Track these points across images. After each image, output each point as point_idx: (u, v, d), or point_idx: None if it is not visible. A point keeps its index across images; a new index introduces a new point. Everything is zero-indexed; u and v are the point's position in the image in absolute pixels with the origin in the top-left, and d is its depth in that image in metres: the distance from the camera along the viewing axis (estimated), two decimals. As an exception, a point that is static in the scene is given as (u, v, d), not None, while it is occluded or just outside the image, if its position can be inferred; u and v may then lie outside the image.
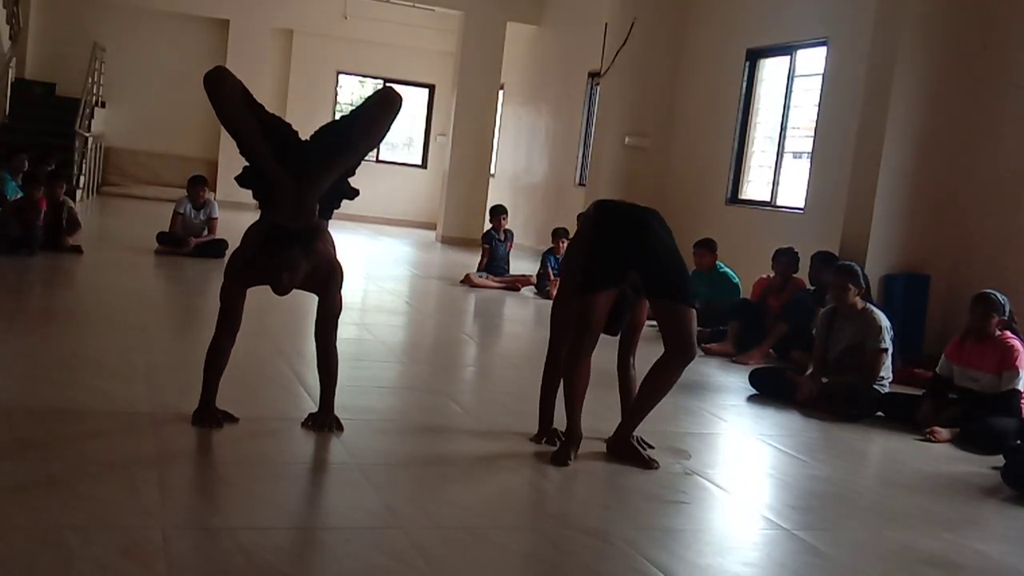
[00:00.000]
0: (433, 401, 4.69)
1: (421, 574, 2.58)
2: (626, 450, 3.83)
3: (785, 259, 7.31)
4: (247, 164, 3.59)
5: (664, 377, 3.79)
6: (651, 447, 3.97)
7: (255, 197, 3.64)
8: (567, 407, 3.77)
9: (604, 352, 5.24)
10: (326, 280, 3.68)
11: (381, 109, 3.54)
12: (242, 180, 3.63)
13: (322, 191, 3.52)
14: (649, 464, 3.76)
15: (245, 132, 3.46)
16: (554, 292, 9.02)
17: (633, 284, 3.81)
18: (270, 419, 3.93)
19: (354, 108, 3.66)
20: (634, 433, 3.93)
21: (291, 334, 5.98)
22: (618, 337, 4.04)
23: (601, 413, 4.25)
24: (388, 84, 3.85)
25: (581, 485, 3.57)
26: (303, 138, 3.64)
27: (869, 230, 7.11)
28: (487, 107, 14.64)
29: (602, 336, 3.84)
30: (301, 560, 2.62)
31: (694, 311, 3.77)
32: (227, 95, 3.41)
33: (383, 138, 3.65)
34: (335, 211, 3.77)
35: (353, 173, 3.69)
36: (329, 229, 3.82)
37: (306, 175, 3.49)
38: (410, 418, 4.33)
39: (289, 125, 3.65)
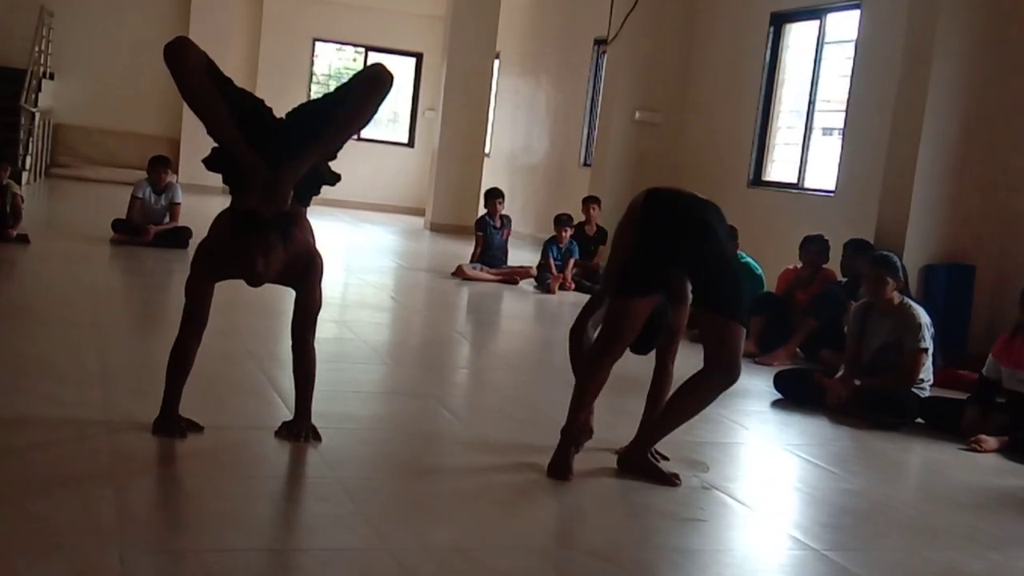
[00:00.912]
0: (421, 407, 4.68)
1: (409, 601, 2.58)
2: (643, 464, 3.82)
3: (814, 248, 7.31)
4: (216, 145, 3.58)
5: (699, 395, 3.75)
6: (665, 459, 3.98)
7: (225, 182, 3.63)
8: (573, 402, 3.73)
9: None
10: (304, 272, 3.68)
11: (370, 90, 3.52)
12: (210, 163, 3.62)
13: (299, 177, 3.51)
14: (670, 480, 3.76)
15: (211, 111, 3.44)
16: (555, 286, 9.09)
17: (674, 288, 3.77)
18: (240, 428, 3.93)
19: (339, 86, 3.65)
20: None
21: (263, 333, 5.97)
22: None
23: (611, 421, 4.25)
24: (378, 62, 3.81)
25: (586, 501, 3.57)
26: (278, 116, 3.63)
27: (907, 215, 7.12)
28: (481, 78, 14.62)
29: None
30: (275, 585, 2.62)
31: (745, 330, 3.71)
32: (190, 69, 3.39)
33: (369, 121, 3.63)
34: (316, 198, 3.76)
35: (334, 156, 3.68)
36: (308, 216, 3.81)
37: (282, 160, 3.47)
38: (396, 426, 4.33)
39: (262, 102, 3.64)
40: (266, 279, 3.56)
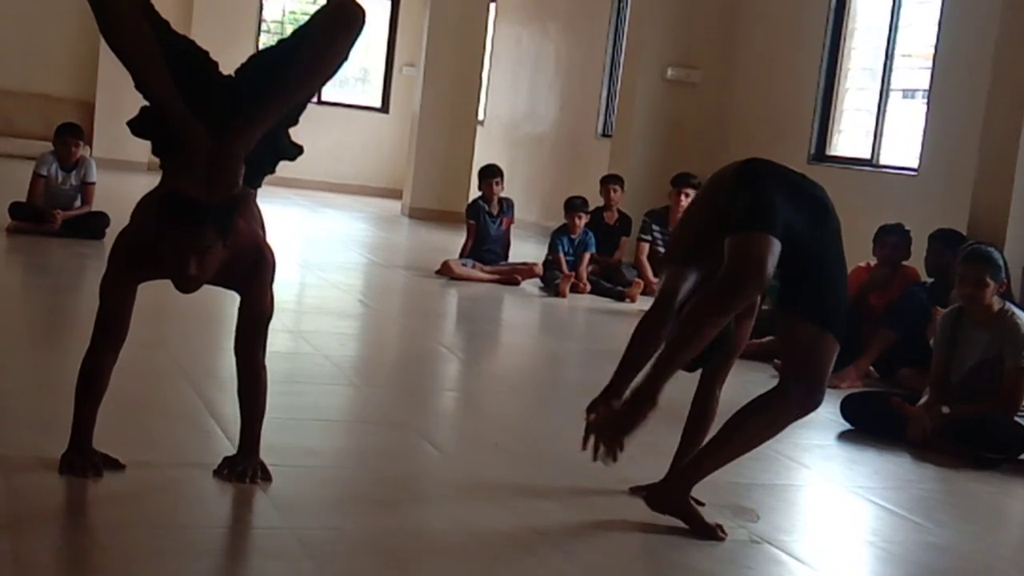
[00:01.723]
0: (397, 440, 4.68)
1: None
2: (681, 507, 3.80)
3: (892, 240, 7.31)
4: (146, 105, 3.56)
5: (769, 418, 3.70)
6: (701, 504, 3.97)
7: (155, 152, 3.62)
8: (669, 352, 3.51)
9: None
10: (251, 272, 3.68)
11: (336, 28, 3.50)
12: (138, 126, 3.60)
13: (250, 149, 3.50)
14: (713, 532, 3.74)
15: (144, 58, 3.42)
16: (566, 287, 9.08)
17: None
18: (169, 465, 3.92)
19: (296, 28, 3.64)
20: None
21: (199, 346, 5.97)
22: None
23: (633, 455, 4.24)
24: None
25: (603, 557, 3.57)
26: (226, 74, 3.62)
27: (1009, 199, 7.11)
28: (473, 27, 14.63)
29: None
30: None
31: (838, 346, 3.67)
32: (120, 4, 3.39)
33: (338, 70, 3.62)
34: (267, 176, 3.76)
35: (296, 121, 3.68)
36: (257, 200, 3.82)
37: (229, 127, 3.45)
38: (365, 463, 4.32)
39: (206, 53, 3.63)
40: (201, 282, 3.55)
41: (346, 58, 3.55)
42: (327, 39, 3.50)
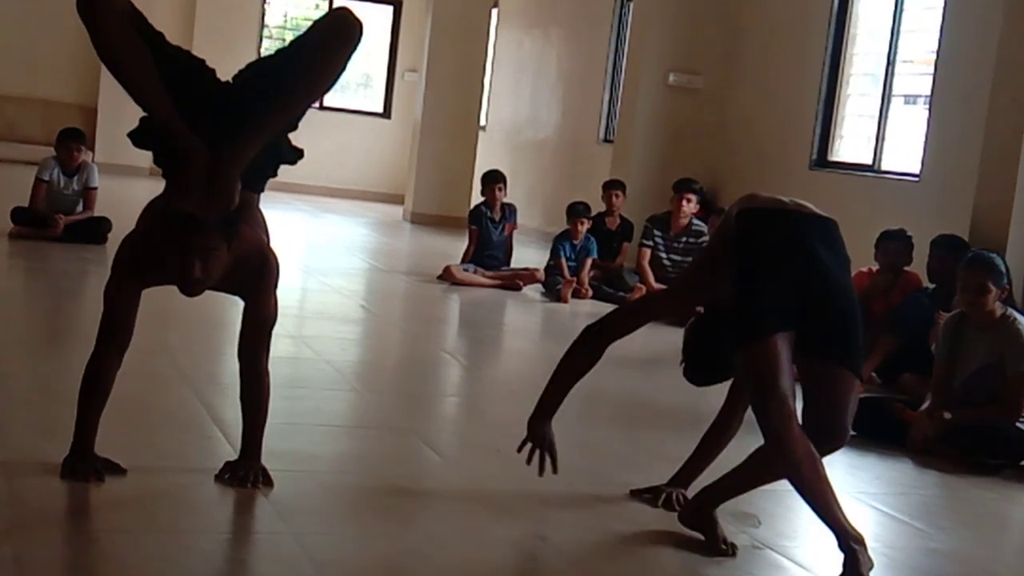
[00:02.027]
0: (399, 445, 4.68)
1: None
2: (703, 521, 3.75)
3: (894, 246, 7.31)
4: (145, 115, 3.57)
5: (789, 464, 3.59)
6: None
7: (157, 163, 3.63)
8: (828, 512, 3.57)
9: (639, 382, 5.24)
10: (255, 278, 3.68)
11: (334, 41, 3.50)
12: (138, 138, 3.61)
13: (246, 165, 3.50)
14: (721, 548, 3.68)
15: (136, 74, 3.43)
16: (568, 293, 9.08)
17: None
18: (171, 470, 3.93)
19: (295, 38, 3.65)
20: (684, 491, 3.93)
21: (201, 351, 5.97)
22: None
23: (638, 460, 4.24)
24: (343, 6, 3.83)
25: (609, 562, 3.57)
26: (223, 80, 3.62)
27: (1011, 205, 7.11)
28: (475, 33, 14.63)
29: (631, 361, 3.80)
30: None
31: (858, 382, 3.65)
32: (110, 20, 3.39)
33: (335, 83, 3.62)
34: (269, 181, 3.77)
35: (295, 127, 3.68)
36: (260, 206, 3.82)
37: (225, 139, 3.45)
38: (366, 469, 4.32)
39: (203, 63, 3.64)
40: (206, 286, 3.55)
41: (343, 70, 3.56)
42: (324, 53, 3.50)
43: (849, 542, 3.50)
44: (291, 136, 3.75)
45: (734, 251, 3.66)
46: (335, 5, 17.49)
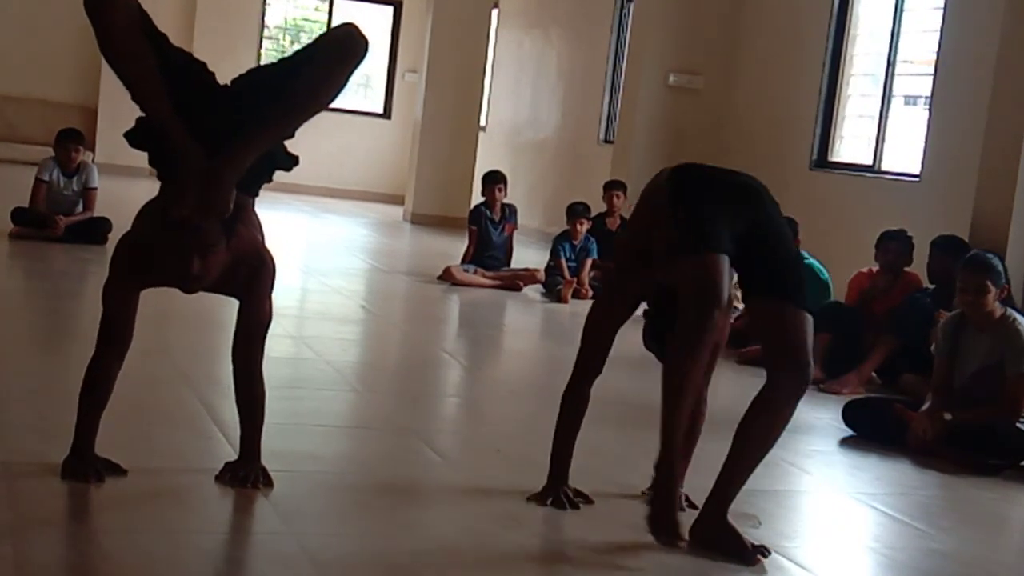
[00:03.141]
0: (399, 445, 4.68)
1: None
2: (721, 534, 3.69)
3: (895, 247, 7.30)
4: (142, 115, 3.57)
5: (769, 416, 3.69)
6: (696, 508, 3.97)
7: (153, 164, 3.63)
8: (669, 404, 3.60)
9: (638, 382, 5.22)
10: (250, 278, 3.68)
11: (338, 57, 3.49)
12: (135, 138, 3.61)
13: (244, 169, 3.49)
14: (750, 556, 3.62)
15: (141, 76, 3.42)
16: (568, 293, 9.09)
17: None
18: (171, 471, 3.93)
19: (299, 50, 3.64)
20: (682, 490, 3.93)
21: (200, 352, 5.97)
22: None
23: (634, 459, 4.25)
24: (349, 22, 3.82)
25: (610, 563, 3.57)
26: (223, 84, 3.62)
27: (1011, 205, 7.11)
28: (475, 33, 14.63)
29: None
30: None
31: (810, 317, 3.71)
32: (118, 20, 3.38)
33: (336, 98, 3.61)
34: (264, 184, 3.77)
35: (291, 135, 3.68)
36: (255, 208, 3.82)
37: (223, 145, 3.45)
38: (367, 469, 4.32)
39: (203, 66, 3.63)
40: (204, 283, 3.55)
41: (343, 86, 3.55)
42: (330, 68, 3.49)
43: (664, 466, 3.60)
44: (290, 140, 3.74)
45: (672, 201, 3.74)
46: (337, 9, 17.49)
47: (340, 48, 3.50)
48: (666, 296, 3.81)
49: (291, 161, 3.75)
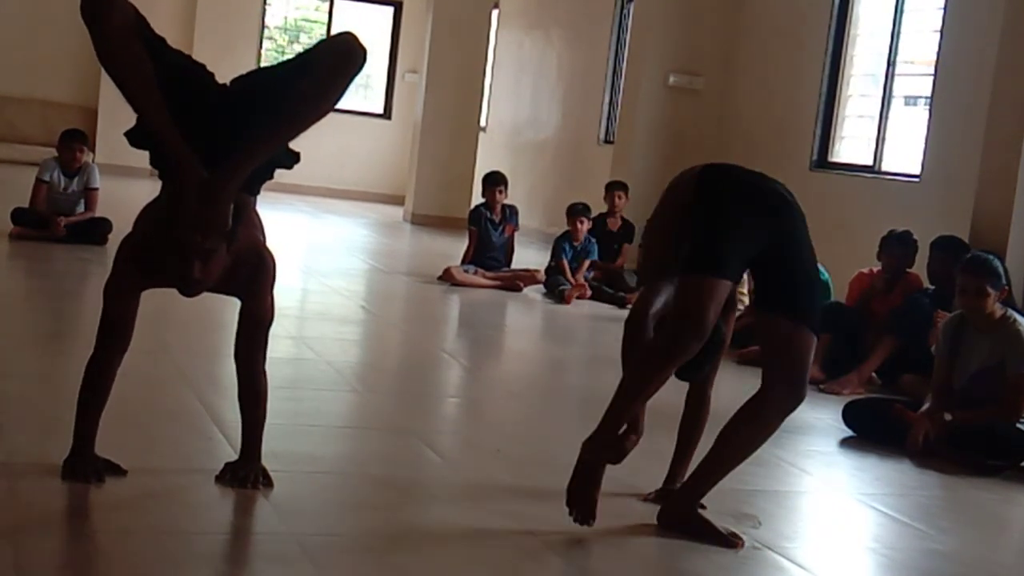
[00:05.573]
0: (400, 446, 4.68)
1: None
2: (691, 521, 3.79)
3: (895, 248, 7.30)
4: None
5: (760, 422, 3.74)
6: (701, 507, 3.97)
7: (154, 164, 3.63)
8: (613, 407, 3.62)
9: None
10: (251, 278, 3.68)
11: (337, 67, 3.48)
12: (135, 138, 3.61)
13: (241, 182, 3.48)
14: (731, 541, 3.73)
15: (137, 83, 3.40)
16: (572, 297, 9.08)
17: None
18: (171, 471, 3.93)
19: (299, 55, 3.64)
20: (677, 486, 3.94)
21: (200, 352, 5.97)
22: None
23: (637, 463, 4.25)
24: (348, 31, 3.81)
25: (611, 564, 3.57)
26: (222, 84, 3.62)
27: (1012, 206, 7.11)
28: (475, 34, 14.64)
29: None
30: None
31: (815, 339, 3.72)
32: (113, 27, 3.38)
33: (333, 106, 3.60)
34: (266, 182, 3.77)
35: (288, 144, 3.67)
36: (257, 208, 3.82)
37: (221, 150, 3.43)
38: (367, 470, 4.32)
39: (203, 68, 3.63)
40: (205, 287, 3.55)
41: (342, 95, 3.54)
42: (328, 80, 3.48)
43: (592, 443, 3.63)
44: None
45: (698, 199, 3.71)
46: (337, 9, 17.49)
47: (339, 58, 3.49)
48: None
49: (292, 158, 3.74)
